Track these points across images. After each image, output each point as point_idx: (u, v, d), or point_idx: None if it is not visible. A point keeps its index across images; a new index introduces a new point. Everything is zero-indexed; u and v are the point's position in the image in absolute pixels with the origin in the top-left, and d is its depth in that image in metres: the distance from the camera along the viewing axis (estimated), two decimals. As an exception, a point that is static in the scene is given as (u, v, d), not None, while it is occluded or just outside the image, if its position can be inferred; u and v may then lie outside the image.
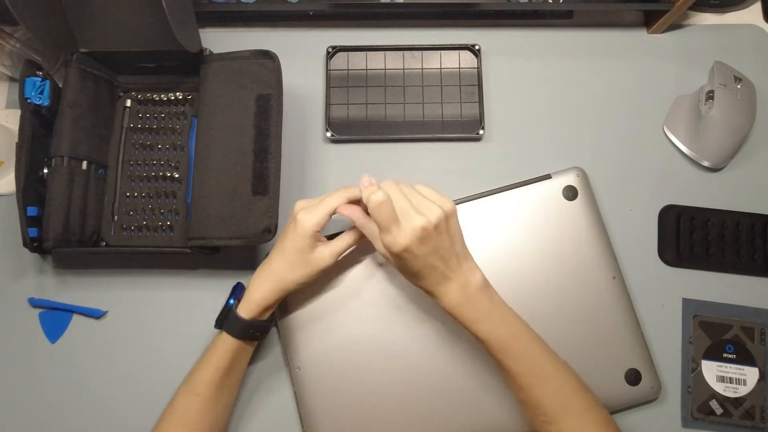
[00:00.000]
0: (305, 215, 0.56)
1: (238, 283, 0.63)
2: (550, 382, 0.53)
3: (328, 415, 0.61)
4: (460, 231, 0.54)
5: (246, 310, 0.57)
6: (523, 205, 0.64)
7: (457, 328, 0.62)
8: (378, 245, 0.54)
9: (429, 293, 0.54)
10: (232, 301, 0.59)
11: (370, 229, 0.55)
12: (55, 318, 0.66)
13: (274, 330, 0.65)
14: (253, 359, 0.63)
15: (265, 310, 0.58)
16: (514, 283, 0.62)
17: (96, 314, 0.66)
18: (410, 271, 0.53)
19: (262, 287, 0.57)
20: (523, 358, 0.53)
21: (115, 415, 0.64)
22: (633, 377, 0.61)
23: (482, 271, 0.55)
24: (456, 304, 0.53)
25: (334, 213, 0.57)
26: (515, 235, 0.64)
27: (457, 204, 0.64)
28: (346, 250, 0.59)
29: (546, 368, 0.54)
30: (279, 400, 0.64)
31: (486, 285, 0.54)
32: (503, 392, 0.60)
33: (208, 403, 0.57)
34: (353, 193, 0.57)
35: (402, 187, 0.54)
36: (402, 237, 0.50)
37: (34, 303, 0.66)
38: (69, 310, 0.66)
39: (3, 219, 0.68)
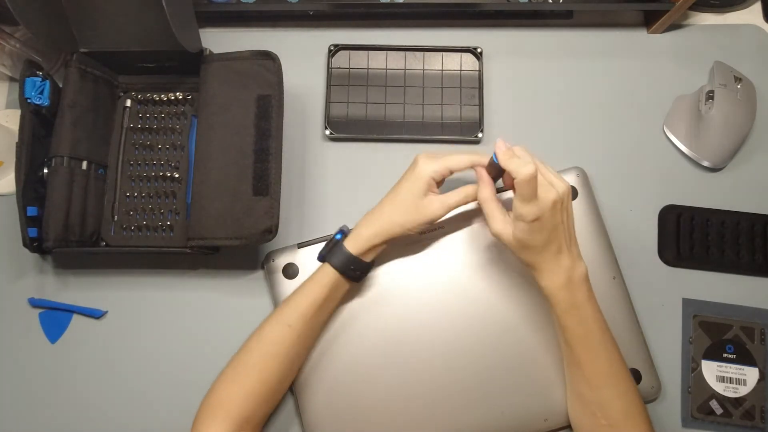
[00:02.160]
0: (426, 161, 0.57)
1: (344, 225, 0.62)
2: (620, 385, 0.54)
3: (328, 415, 0.61)
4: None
5: (352, 245, 0.58)
6: None
7: (458, 329, 0.62)
8: (495, 224, 0.54)
9: (535, 270, 0.54)
10: (339, 236, 0.60)
11: (492, 208, 0.55)
12: (55, 318, 0.66)
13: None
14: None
15: (370, 250, 0.58)
16: (513, 282, 0.62)
17: (96, 314, 0.66)
18: (531, 244, 0.52)
19: (372, 226, 0.58)
20: (601, 356, 0.54)
21: (115, 415, 0.64)
22: (634, 377, 0.61)
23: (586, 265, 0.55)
24: (558, 286, 0.53)
25: (453, 172, 0.58)
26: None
27: None
28: (458, 204, 0.59)
29: (617, 369, 0.55)
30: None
31: (587, 278, 0.55)
32: (505, 397, 0.60)
33: (299, 337, 0.57)
34: (478, 160, 0.57)
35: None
36: (537, 207, 0.50)
37: (34, 303, 0.66)
38: (69, 310, 0.66)
39: (3, 219, 0.68)
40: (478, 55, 0.71)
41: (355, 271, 0.59)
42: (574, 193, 0.65)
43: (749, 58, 0.72)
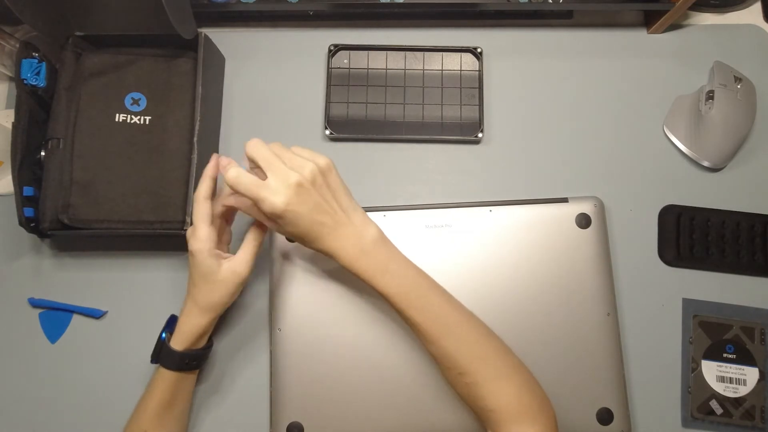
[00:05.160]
0: (192, 241, 0.55)
1: (172, 315, 0.62)
2: (456, 330, 0.53)
3: (297, 379, 0.61)
4: (344, 185, 0.54)
5: (179, 342, 0.57)
6: (534, 223, 0.64)
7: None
8: (266, 222, 0.53)
9: (327, 253, 0.53)
10: (164, 335, 0.59)
11: (254, 209, 0.52)
12: (55, 318, 0.66)
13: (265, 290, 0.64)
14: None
15: (199, 338, 0.58)
16: (505, 298, 0.62)
17: (96, 314, 0.66)
18: (300, 233, 0.51)
19: (190, 317, 0.57)
20: (427, 308, 0.53)
21: (115, 415, 0.64)
22: (605, 416, 0.60)
23: (378, 226, 0.54)
24: (353, 259, 0.52)
25: (217, 216, 0.57)
26: (519, 249, 0.63)
27: (468, 207, 0.64)
28: (255, 252, 0.57)
29: (451, 317, 0.53)
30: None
31: (382, 238, 0.54)
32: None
33: None
34: (210, 173, 0.56)
35: (272, 146, 0.52)
36: (278, 196, 0.49)
37: (34, 303, 0.66)
38: (69, 310, 0.66)
39: (3, 219, 0.68)
40: (478, 55, 0.71)
41: (191, 363, 0.58)
42: (587, 221, 0.64)
43: (749, 58, 0.72)
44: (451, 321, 0.53)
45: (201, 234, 0.54)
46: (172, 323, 0.60)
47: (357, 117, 0.70)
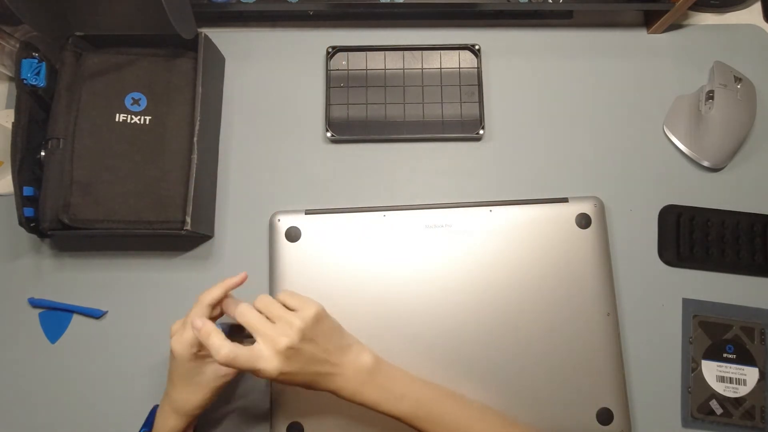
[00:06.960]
0: (176, 341, 0.53)
1: (154, 407, 0.59)
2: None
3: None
4: (335, 325, 0.53)
5: None
6: (534, 223, 0.63)
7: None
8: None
9: (329, 392, 0.52)
10: (144, 430, 0.58)
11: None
12: (55, 318, 0.66)
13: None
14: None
15: None
16: (505, 298, 0.62)
17: (96, 314, 0.66)
18: (299, 384, 0.51)
19: (168, 419, 0.55)
20: (439, 419, 0.52)
21: (116, 416, 0.64)
22: (605, 416, 0.60)
23: (370, 350, 0.54)
24: (355, 393, 0.52)
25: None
26: (519, 249, 0.63)
27: (468, 207, 0.64)
28: (230, 354, 0.52)
29: (463, 420, 0.53)
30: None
31: (377, 363, 0.53)
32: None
33: None
34: (212, 297, 0.54)
35: (260, 301, 0.52)
36: (270, 363, 0.48)
37: (34, 303, 0.66)
38: (69, 310, 0.66)
39: (3, 219, 0.68)
40: (476, 52, 0.71)
41: None
42: (587, 221, 0.64)
43: (749, 58, 0.72)
44: (463, 423, 0.53)
45: (188, 340, 0.53)
46: (152, 419, 0.58)
47: (358, 118, 0.70)
